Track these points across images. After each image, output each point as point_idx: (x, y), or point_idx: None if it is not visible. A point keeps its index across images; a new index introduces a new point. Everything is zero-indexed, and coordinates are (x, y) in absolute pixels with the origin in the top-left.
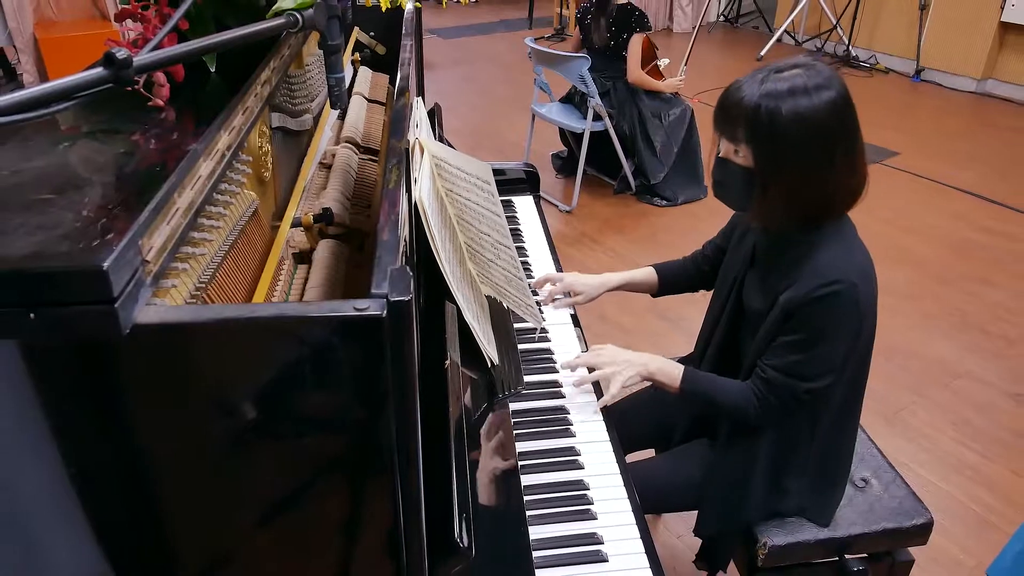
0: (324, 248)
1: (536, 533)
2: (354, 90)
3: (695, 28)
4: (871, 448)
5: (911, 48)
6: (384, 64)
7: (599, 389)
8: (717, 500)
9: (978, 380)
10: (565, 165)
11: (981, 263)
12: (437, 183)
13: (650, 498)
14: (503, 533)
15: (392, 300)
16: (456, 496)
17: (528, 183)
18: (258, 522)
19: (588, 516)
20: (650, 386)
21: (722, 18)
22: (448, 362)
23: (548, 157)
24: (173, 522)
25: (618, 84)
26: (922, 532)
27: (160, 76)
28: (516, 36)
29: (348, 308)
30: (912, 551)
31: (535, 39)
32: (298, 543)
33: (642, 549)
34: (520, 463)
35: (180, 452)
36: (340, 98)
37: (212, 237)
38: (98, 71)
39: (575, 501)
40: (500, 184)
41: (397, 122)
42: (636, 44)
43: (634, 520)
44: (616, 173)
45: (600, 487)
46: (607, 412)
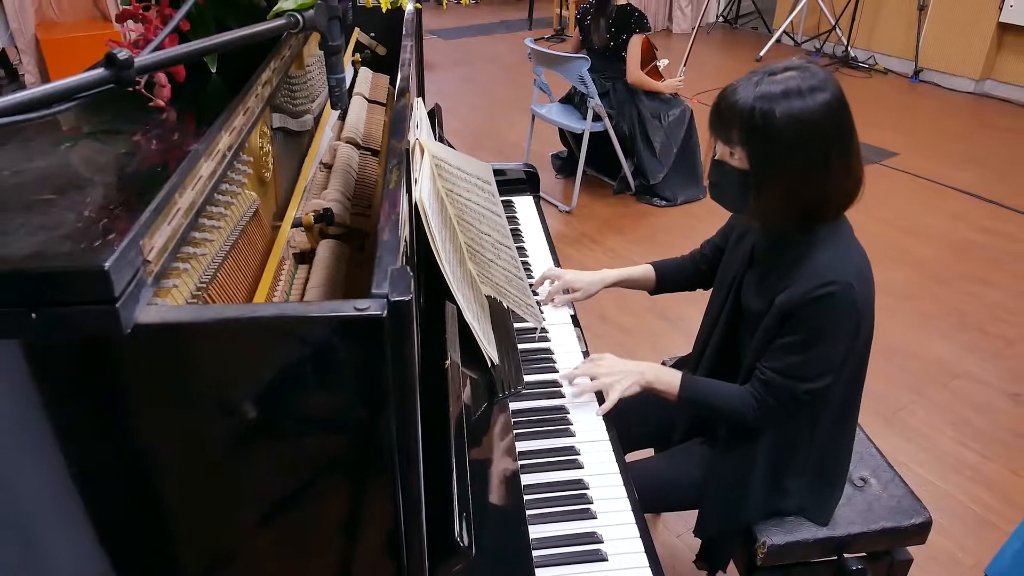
0: (325, 248)
1: (536, 532)
2: (354, 91)
3: (694, 29)
4: (870, 448)
5: (910, 49)
6: (384, 65)
7: (600, 393)
8: (717, 500)
9: (977, 380)
10: (565, 165)
11: (980, 263)
12: (437, 183)
13: (650, 497)
14: (503, 532)
15: (392, 300)
16: (456, 495)
17: (528, 183)
18: (259, 522)
19: (588, 515)
20: None
21: (721, 19)
22: (448, 362)
23: (548, 157)
24: (174, 522)
25: (618, 85)
26: (921, 531)
27: (161, 77)
28: (516, 37)
29: (349, 308)
30: (911, 550)
31: (535, 40)
32: (299, 543)
33: (642, 548)
34: (520, 462)
35: (181, 452)
36: (341, 99)
37: (213, 237)
38: (99, 72)
39: (575, 500)
40: (500, 184)
41: (397, 123)
42: (636, 45)
43: (634, 519)
44: (616, 173)
45: (600, 486)
46: (607, 413)
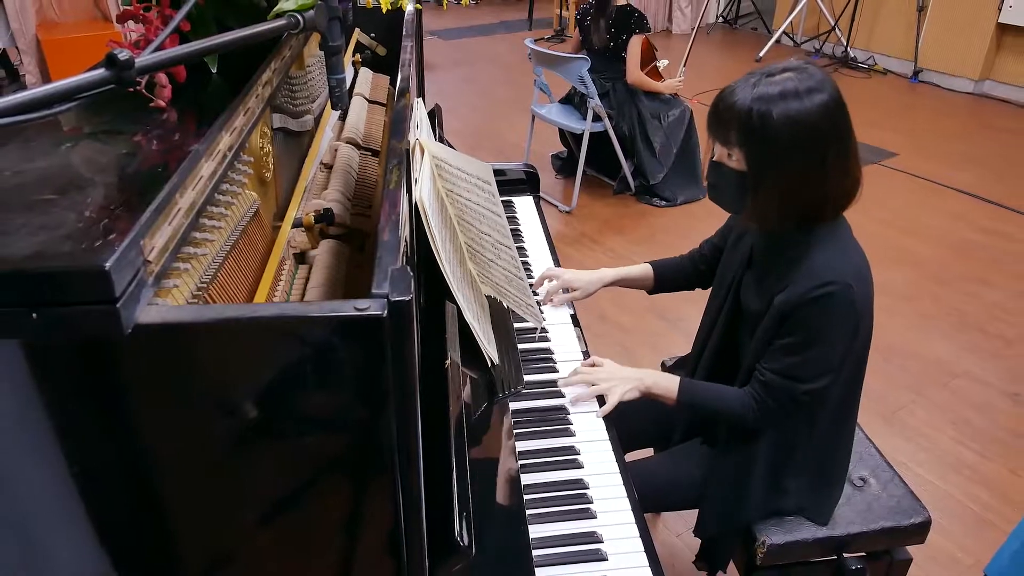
0: (325, 248)
1: (536, 532)
2: (355, 91)
3: (694, 29)
4: (869, 447)
5: (909, 49)
6: (385, 65)
7: (600, 396)
8: (717, 500)
9: (976, 380)
10: (565, 166)
11: (979, 263)
12: (437, 183)
13: (649, 497)
14: (503, 532)
15: (393, 300)
16: (456, 495)
17: (528, 183)
18: (259, 521)
19: (588, 515)
20: None
21: (721, 19)
22: (448, 362)
23: (548, 158)
24: (175, 521)
25: (617, 85)
26: (920, 531)
27: (162, 77)
28: (516, 37)
29: (349, 308)
30: (910, 550)
31: (535, 40)
32: (299, 542)
33: (641, 548)
34: (520, 462)
35: (182, 452)
36: (341, 99)
37: (214, 237)
38: (100, 72)
39: (575, 500)
40: (500, 184)
41: (398, 123)
42: (635, 45)
43: (633, 519)
44: (615, 174)
45: (600, 486)
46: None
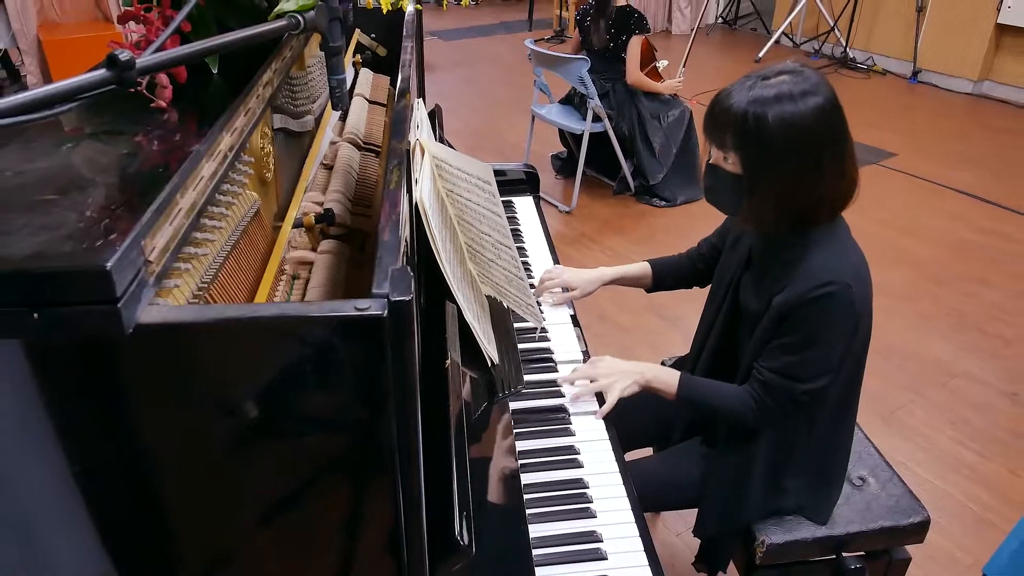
0: (326, 248)
1: (536, 531)
2: (355, 92)
3: (693, 30)
4: (868, 447)
5: (908, 50)
6: (385, 66)
7: (600, 394)
8: (716, 500)
9: (975, 380)
10: (565, 166)
11: (978, 263)
12: (438, 184)
13: (649, 496)
14: (503, 531)
15: (393, 300)
16: (456, 495)
17: (528, 184)
18: (260, 521)
19: (588, 514)
20: None
21: (720, 20)
22: (448, 361)
23: (548, 158)
24: (175, 521)
25: (617, 86)
26: (919, 530)
27: (163, 78)
28: (516, 38)
29: (349, 308)
30: (909, 549)
31: (535, 41)
32: (300, 542)
33: (641, 547)
34: (520, 462)
35: (182, 451)
36: (341, 99)
37: (214, 237)
38: (101, 73)
39: (575, 499)
40: (500, 185)
41: (398, 123)
42: (635, 46)
43: (633, 519)
44: (615, 174)
45: (599, 485)
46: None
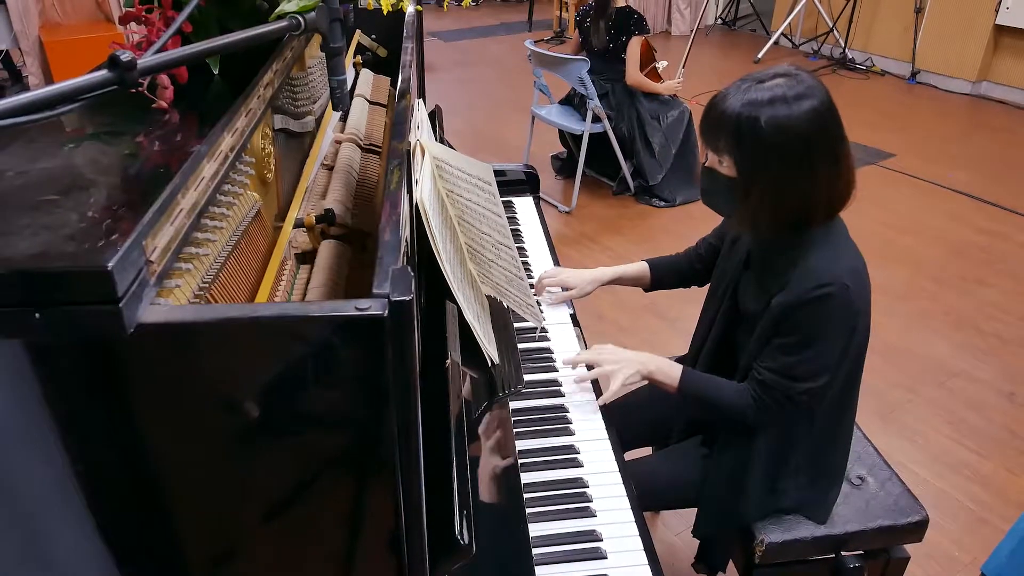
0: (326, 249)
1: (536, 530)
2: (356, 92)
3: (693, 31)
4: (867, 446)
5: (907, 51)
6: (385, 66)
7: (598, 388)
8: (715, 500)
9: (973, 379)
10: (564, 166)
11: (976, 263)
12: (438, 184)
13: (648, 495)
14: (503, 530)
15: (393, 300)
16: (457, 494)
17: (528, 184)
18: (261, 520)
19: (587, 513)
20: (647, 384)
21: (719, 21)
22: (449, 361)
23: (548, 159)
24: (178, 520)
25: (617, 86)
26: (918, 529)
27: (164, 78)
28: (516, 39)
29: (350, 308)
30: (908, 548)
31: (535, 42)
32: (301, 540)
33: (641, 546)
34: (520, 461)
35: (184, 451)
36: (342, 100)
37: (215, 237)
38: (103, 73)
39: (574, 499)
40: (500, 185)
41: (398, 124)
42: (635, 47)
43: (633, 518)
44: (615, 174)
45: (599, 485)
46: (606, 410)
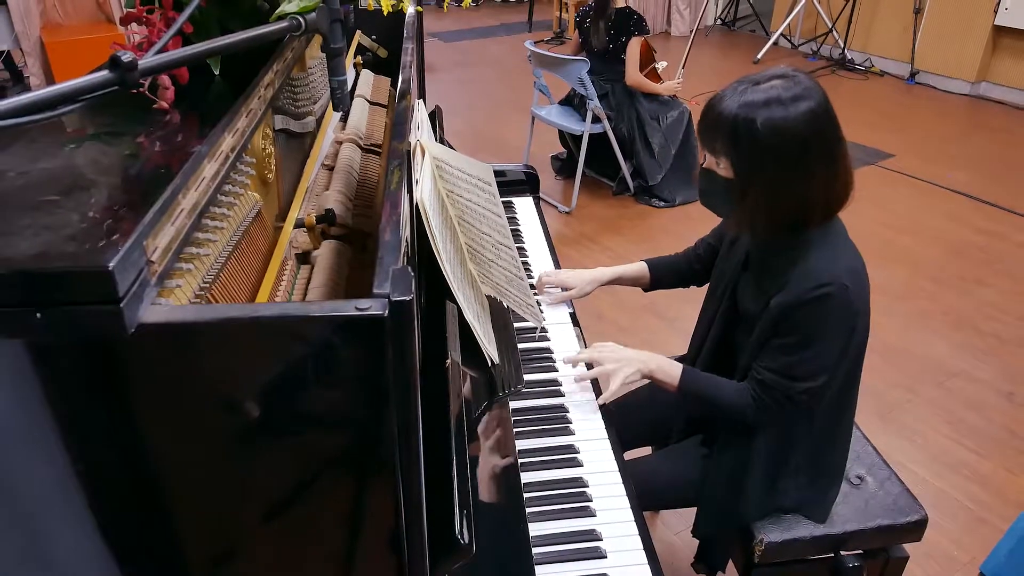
0: (327, 249)
1: (536, 530)
2: (356, 93)
3: (692, 32)
4: (866, 446)
5: (906, 51)
6: (386, 67)
7: (598, 387)
8: (714, 500)
9: (972, 379)
10: (564, 167)
11: (975, 263)
12: (438, 184)
13: (648, 495)
14: (503, 530)
15: (394, 300)
16: (457, 493)
17: (528, 184)
18: (262, 519)
19: (587, 513)
20: (647, 384)
21: (719, 21)
22: (449, 361)
23: (548, 159)
24: (179, 520)
25: (616, 87)
26: (917, 528)
27: (165, 79)
28: (516, 39)
29: (350, 308)
30: (907, 547)
31: (535, 42)
32: (302, 540)
33: (640, 546)
34: (520, 460)
35: (184, 450)
36: (342, 100)
37: (216, 238)
38: (104, 74)
39: (574, 498)
40: (500, 185)
41: (399, 124)
42: (634, 47)
43: (632, 517)
44: (615, 175)
45: (599, 484)
46: (606, 410)
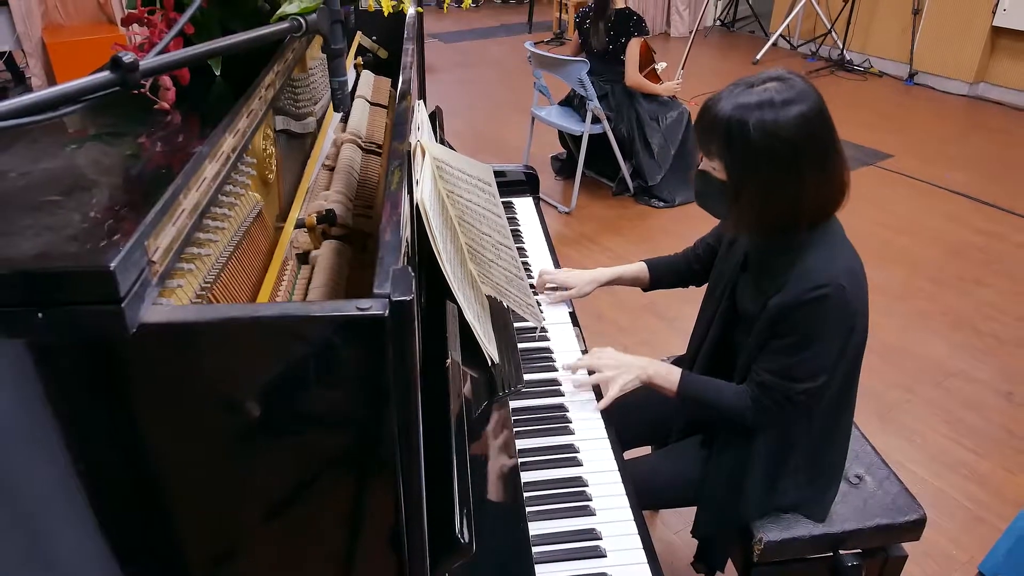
0: (327, 249)
1: (536, 529)
2: (357, 93)
3: (692, 32)
4: (865, 445)
5: (904, 52)
6: (386, 68)
7: (598, 391)
8: (714, 500)
9: (970, 378)
10: (564, 167)
11: (973, 263)
12: (438, 185)
13: (647, 494)
14: (503, 529)
15: (394, 300)
16: (457, 492)
17: (528, 185)
18: (263, 518)
19: (587, 512)
20: None
21: (718, 22)
22: (449, 361)
23: (547, 159)
24: (178, 518)
25: (616, 87)
26: (915, 528)
27: (166, 79)
28: (516, 40)
29: (351, 308)
30: (905, 546)
31: (535, 43)
32: (302, 539)
33: (640, 545)
34: (520, 460)
35: (185, 450)
36: (343, 101)
37: (217, 238)
38: (105, 75)
39: (574, 497)
40: (500, 186)
41: (399, 125)
42: (634, 48)
43: (632, 516)
44: (614, 175)
45: (599, 484)
46: (606, 410)
